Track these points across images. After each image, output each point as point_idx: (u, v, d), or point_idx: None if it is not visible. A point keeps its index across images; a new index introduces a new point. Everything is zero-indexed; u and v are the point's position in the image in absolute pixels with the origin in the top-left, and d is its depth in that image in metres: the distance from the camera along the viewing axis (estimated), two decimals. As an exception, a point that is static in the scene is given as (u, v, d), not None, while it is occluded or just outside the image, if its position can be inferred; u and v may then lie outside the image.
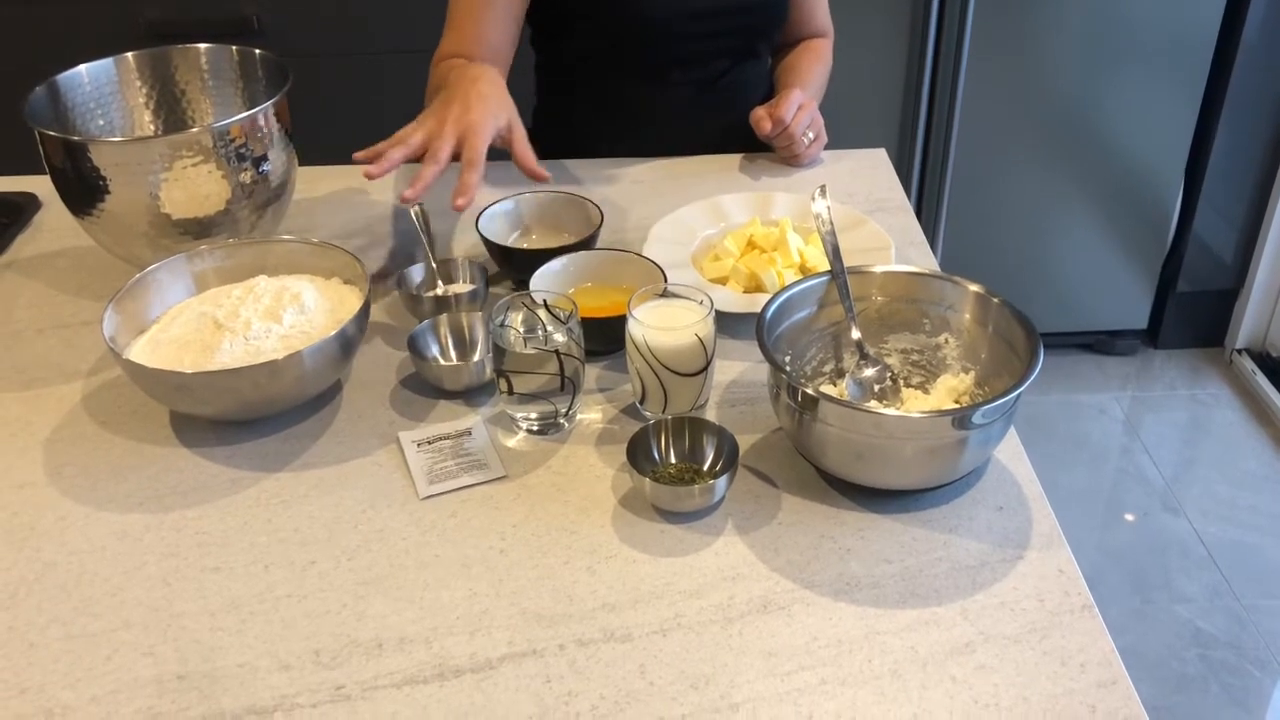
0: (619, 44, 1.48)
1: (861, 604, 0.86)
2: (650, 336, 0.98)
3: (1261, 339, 2.64)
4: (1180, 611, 2.04)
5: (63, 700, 0.80)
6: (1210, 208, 2.49)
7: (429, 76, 1.43)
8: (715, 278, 1.21)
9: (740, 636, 0.83)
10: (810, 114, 1.43)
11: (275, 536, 0.93)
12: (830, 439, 0.91)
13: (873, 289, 1.06)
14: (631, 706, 0.78)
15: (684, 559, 0.90)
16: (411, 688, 0.80)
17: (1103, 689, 0.79)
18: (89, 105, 1.27)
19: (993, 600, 0.86)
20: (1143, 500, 2.31)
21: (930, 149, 2.40)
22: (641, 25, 1.44)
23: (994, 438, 0.93)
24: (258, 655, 0.83)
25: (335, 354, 1.02)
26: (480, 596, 0.87)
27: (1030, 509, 0.94)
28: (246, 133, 1.16)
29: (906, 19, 2.25)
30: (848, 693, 0.79)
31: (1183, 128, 2.38)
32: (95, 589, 0.89)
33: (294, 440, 1.03)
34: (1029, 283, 2.55)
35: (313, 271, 1.14)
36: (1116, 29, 2.25)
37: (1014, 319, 0.98)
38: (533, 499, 0.96)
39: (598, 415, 1.06)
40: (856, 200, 1.41)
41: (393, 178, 1.48)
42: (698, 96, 1.52)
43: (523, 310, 1.04)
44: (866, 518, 0.94)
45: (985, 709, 0.78)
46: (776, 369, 0.93)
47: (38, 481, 0.99)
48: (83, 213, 1.17)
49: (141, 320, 1.08)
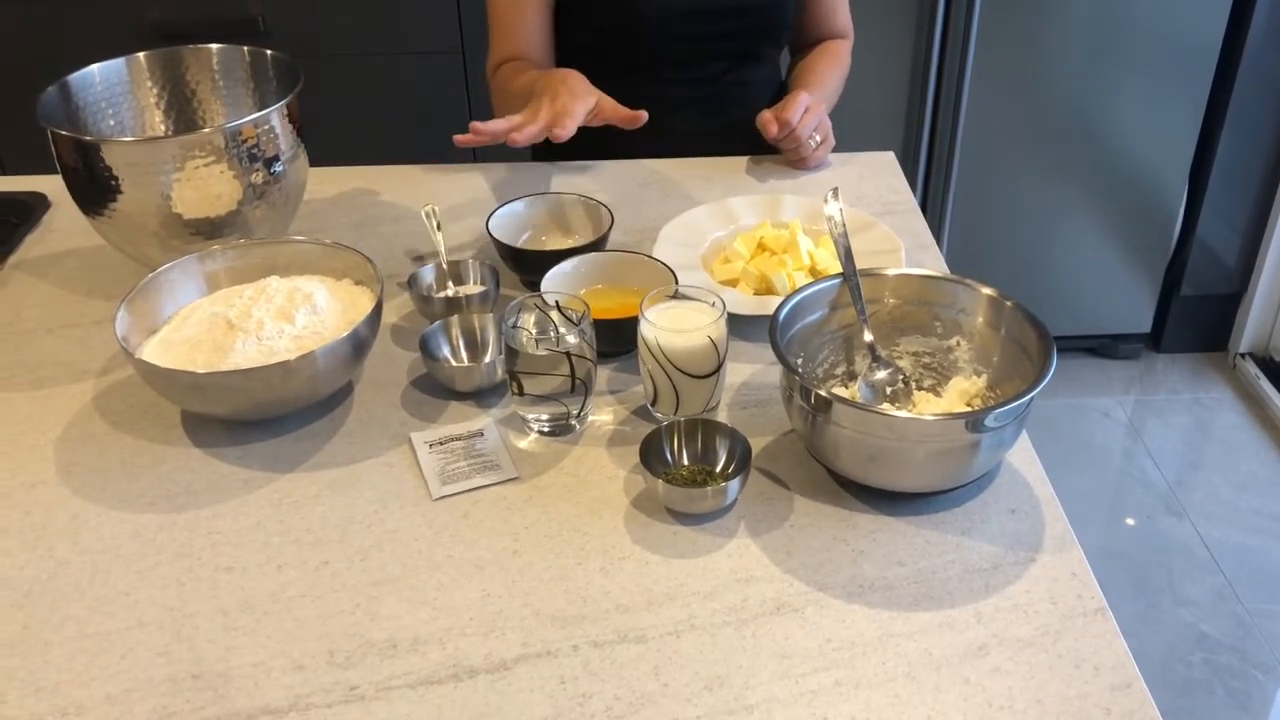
0: (614, 42, 1.49)
1: (875, 606, 0.86)
2: (662, 338, 0.98)
3: (1265, 343, 2.64)
4: (1184, 615, 2.05)
5: (77, 699, 0.80)
6: (1214, 212, 2.49)
7: (490, 83, 1.49)
8: (725, 280, 1.22)
9: (754, 638, 0.83)
10: (817, 117, 1.43)
11: (288, 537, 0.93)
12: (843, 441, 0.92)
13: (885, 291, 1.06)
14: (646, 708, 0.78)
15: (697, 560, 0.90)
16: (426, 688, 0.80)
17: (1117, 692, 0.79)
18: (100, 105, 1.27)
19: (1006, 603, 0.86)
20: (1146, 503, 2.31)
21: (935, 153, 2.40)
22: (635, 23, 1.46)
23: (1007, 441, 0.93)
24: (271, 655, 0.83)
25: (348, 355, 1.02)
26: (494, 597, 0.87)
27: (1042, 512, 0.95)
28: (258, 133, 1.16)
29: (912, 23, 2.25)
30: (862, 695, 0.79)
31: (1187, 132, 2.39)
32: (109, 588, 0.89)
33: (306, 440, 1.03)
34: (1033, 286, 2.55)
35: (324, 272, 1.14)
36: (1121, 34, 2.25)
37: (1026, 322, 0.98)
38: (545, 500, 0.96)
39: (609, 417, 1.06)
40: (865, 203, 1.41)
41: (407, 181, 1.48)
42: (694, 96, 1.52)
43: (535, 312, 1.04)
44: (879, 520, 0.94)
45: (1000, 711, 0.78)
46: (790, 371, 0.93)
47: (49, 481, 1.00)
48: (94, 212, 1.17)
49: (153, 320, 1.08)
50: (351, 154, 1.54)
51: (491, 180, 1.47)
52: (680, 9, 1.45)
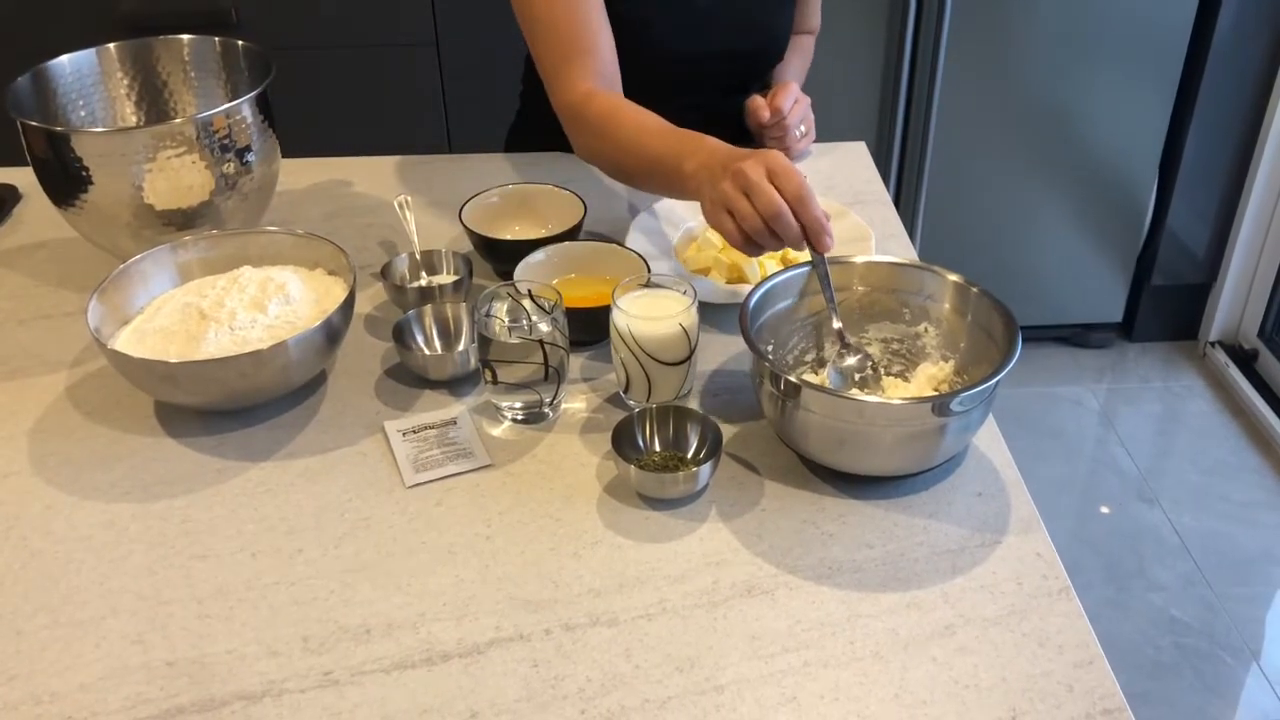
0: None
1: (844, 588, 0.87)
2: (634, 326, 0.99)
3: (1234, 332, 2.68)
4: (1154, 600, 2.07)
5: (51, 688, 0.80)
6: (1184, 202, 2.52)
7: (581, 117, 1.21)
8: (698, 269, 1.22)
9: (725, 620, 0.84)
10: (805, 109, 1.44)
11: (262, 525, 0.93)
12: (812, 426, 0.93)
13: (854, 279, 1.07)
14: (618, 689, 0.79)
15: (668, 545, 0.91)
16: (399, 672, 0.81)
17: (1080, 669, 0.81)
18: (71, 96, 1.27)
19: (972, 583, 0.87)
20: (1117, 491, 2.33)
21: (908, 144, 2.42)
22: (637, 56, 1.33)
23: (973, 425, 0.94)
24: (246, 642, 0.83)
25: (320, 344, 1.02)
26: (467, 583, 0.88)
27: (1008, 494, 0.96)
28: (230, 124, 1.16)
29: (884, 13, 2.27)
30: (830, 674, 0.80)
31: (1157, 123, 2.41)
32: (82, 577, 0.89)
33: (280, 430, 1.04)
34: (1005, 276, 2.58)
35: (297, 262, 1.14)
36: (1092, 25, 2.28)
37: (993, 308, 1.00)
38: (518, 487, 0.97)
39: (582, 404, 1.07)
40: (837, 192, 1.42)
41: (380, 172, 1.48)
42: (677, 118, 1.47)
43: (507, 300, 1.04)
44: (848, 504, 0.95)
45: (965, 690, 0.79)
46: (760, 357, 0.94)
47: (22, 471, 0.99)
48: (65, 204, 1.17)
49: (126, 311, 1.08)
50: (325, 145, 1.54)
51: (464, 171, 1.47)
52: (690, 53, 1.40)
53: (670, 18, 1.36)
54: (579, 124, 1.22)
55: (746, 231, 0.99)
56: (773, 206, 0.97)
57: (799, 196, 0.97)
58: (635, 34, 1.31)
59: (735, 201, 0.99)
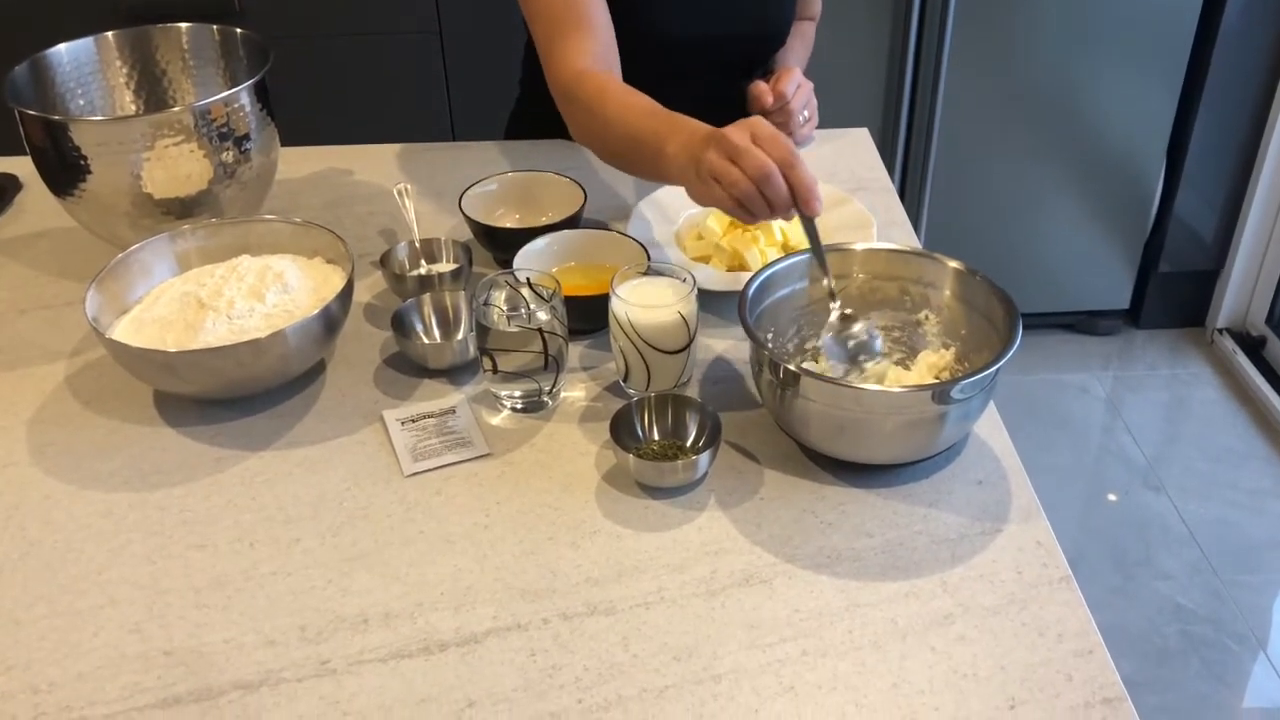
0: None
1: (842, 577, 0.87)
2: (633, 314, 0.98)
3: (1242, 318, 2.66)
4: (1161, 588, 2.06)
5: (49, 677, 0.80)
6: (1191, 189, 2.50)
7: (573, 91, 1.19)
8: (698, 256, 1.22)
9: (723, 609, 0.84)
10: (808, 94, 1.43)
11: (260, 514, 0.93)
12: (812, 414, 0.92)
13: (854, 266, 1.06)
14: (616, 678, 0.79)
15: (667, 534, 0.91)
16: (397, 662, 0.81)
17: (1080, 658, 0.80)
18: (69, 85, 1.26)
19: (972, 572, 0.87)
20: (1124, 478, 2.33)
21: (914, 130, 2.40)
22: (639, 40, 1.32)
23: (973, 412, 0.94)
24: (243, 631, 0.83)
25: (319, 332, 1.02)
26: (465, 572, 0.88)
27: (1009, 483, 0.95)
28: (228, 112, 1.16)
29: (890, 1, 2.25)
30: (829, 663, 0.80)
31: (1164, 109, 2.39)
32: (80, 567, 0.89)
33: (278, 419, 1.04)
34: (1012, 263, 2.56)
35: (295, 251, 1.14)
36: (1099, 10, 2.26)
37: (994, 295, 0.99)
38: (517, 476, 0.97)
39: (581, 393, 1.06)
40: (839, 179, 1.41)
41: (380, 160, 1.48)
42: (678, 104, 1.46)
43: (506, 289, 1.04)
44: (847, 492, 0.94)
45: (964, 679, 0.79)
46: (759, 345, 0.94)
47: (21, 461, 0.99)
48: (64, 193, 1.17)
49: (124, 300, 1.08)
50: (324, 134, 1.54)
51: (464, 159, 1.47)
52: (685, 37, 1.39)
53: (672, 2, 1.35)
54: (572, 103, 1.20)
55: (737, 197, 0.96)
56: (762, 168, 0.94)
57: (786, 159, 0.94)
58: (637, 18, 1.31)
59: (722, 168, 0.96)
